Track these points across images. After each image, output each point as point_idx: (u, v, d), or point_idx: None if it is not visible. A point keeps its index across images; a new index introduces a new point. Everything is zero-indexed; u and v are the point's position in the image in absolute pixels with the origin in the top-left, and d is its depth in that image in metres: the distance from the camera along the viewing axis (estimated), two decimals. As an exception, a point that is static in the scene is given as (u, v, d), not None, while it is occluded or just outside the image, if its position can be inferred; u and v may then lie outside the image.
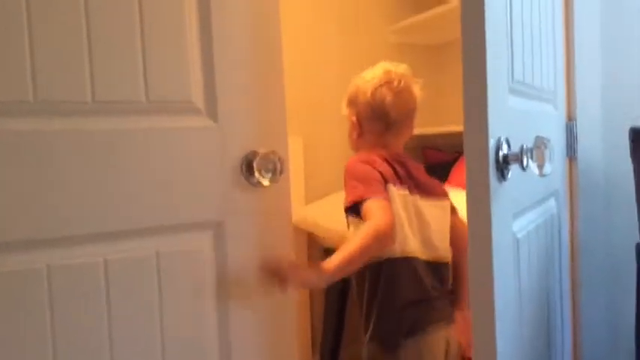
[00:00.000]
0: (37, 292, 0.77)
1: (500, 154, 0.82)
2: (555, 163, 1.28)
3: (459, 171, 2.13)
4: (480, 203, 0.80)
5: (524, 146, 0.82)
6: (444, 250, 1.36)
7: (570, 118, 1.42)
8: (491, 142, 0.81)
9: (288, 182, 0.99)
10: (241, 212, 0.94)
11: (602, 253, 1.54)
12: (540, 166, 0.82)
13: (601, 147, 1.52)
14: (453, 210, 1.43)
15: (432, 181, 1.43)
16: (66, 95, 0.79)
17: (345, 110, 1.46)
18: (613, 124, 1.52)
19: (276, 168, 0.95)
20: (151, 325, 0.86)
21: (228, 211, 0.93)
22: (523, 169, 0.82)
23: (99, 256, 0.82)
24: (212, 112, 0.92)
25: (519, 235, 0.96)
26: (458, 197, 1.85)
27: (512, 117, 0.92)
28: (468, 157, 0.83)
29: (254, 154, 0.94)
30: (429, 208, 1.36)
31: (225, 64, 0.92)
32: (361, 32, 2.43)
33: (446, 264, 1.37)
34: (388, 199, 1.25)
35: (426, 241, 1.33)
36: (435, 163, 2.38)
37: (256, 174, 0.94)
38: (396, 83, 1.37)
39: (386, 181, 1.28)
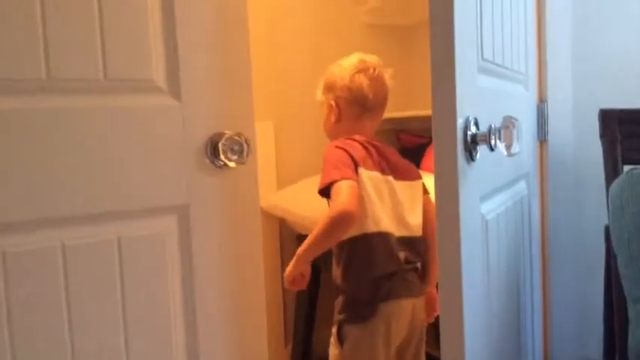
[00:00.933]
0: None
1: (469, 134, 0.81)
2: (526, 145, 1.28)
3: (431, 155, 2.12)
4: (448, 184, 0.79)
5: (493, 126, 0.81)
6: (417, 226, 1.43)
7: (541, 100, 1.42)
8: (460, 122, 0.79)
9: (256, 164, 0.96)
10: (207, 196, 0.91)
11: (571, 235, 1.55)
12: (508, 146, 0.81)
13: (572, 129, 1.53)
14: (425, 190, 1.50)
15: (405, 164, 1.51)
16: (18, 72, 0.75)
17: (320, 97, 1.53)
18: (584, 106, 1.53)
19: (243, 149, 0.92)
20: (112, 313, 0.83)
21: (192, 195, 0.90)
22: (491, 149, 0.81)
23: (56, 240, 0.79)
24: (175, 92, 0.89)
25: (488, 217, 0.96)
26: (428, 181, 1.87)
27: (482, 96, 0.91)
28: (436, 137, 0.82)
29: (220, 135, 0.91)
30: (402, 188, 1.44)
31: (188, 42, 0.89)
32: (332, 13, 2.39)
33: (420, 239, 1.44)
34: (356, 181, 1.32)
35: (400, 219, 1.40)
36: (409, 146, 2.38)
37: (222, 156, 0.91)
38: (371, 70, 1.47)
39: (357, 165, 1.35)
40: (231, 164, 0.92)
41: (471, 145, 0.81)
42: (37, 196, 0.77)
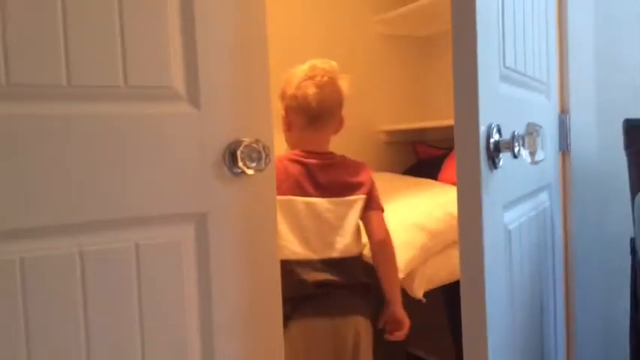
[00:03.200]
0: (10, 284, 0.73)
1: (491, 141, 0.80)
2: (548, 156, 1.26)
3: (449, 167, 2.11)
4: (470, 191, 0.78)
5: (516, 133, 0.80)
6: (346, 246, 1.41)
7: (563, 111, 1.40)
8: (482, 129, 0.78)
9: (274, 172, 0.96)
10: (225, 203, 0.90)
11: (595, 248, 1.52)
12: (532, 153, 0.79)
13: (595, 140, 1.50)
14: (372, 205, 1.46)
15: (343, 180, 1.45)
16: (40, 78, 0.75)
17: (278, 104, 1.50)
18: (607, 117, 1.50)
19: (261, 157, 0.92)
20: (129, 320, 0.82)
21: (210, 203, 0.89)
22: (515, 156, 0.79)
23: (74, 247, 0.78)
24: (194, 99, 0.88)
25: (511, 227, 0.94)
26: (448, 194, 1.84)
27: (504, 104, 0.89)
28: (458, 145, 0.80)
29: (238, 142, 0.90)
30: (332, 207, 1.41)
31: (207, 50, 0.88)
32: (347, 23, 2.39)
33: (352, 258, 1.42)
34: None
35: (324, 241, 1.39)
36: (425, 158, 2.36)
37: (240, 163, 0.90)
38: (319, 78, 1.42)
39: None
40: (250, 172, 0.91)
41: (493, 153, 0.80)
42: (55, 202, 0.76)
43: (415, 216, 1.63)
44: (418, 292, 1.52)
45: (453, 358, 2.01)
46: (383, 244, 1.45)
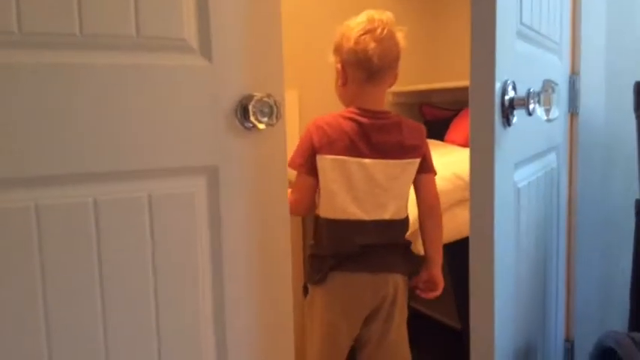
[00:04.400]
0: (25, 230, 0.74)
1: (506, 98, 0.79)
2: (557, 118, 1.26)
3: (456, 128, 2.10)
4: (483, 148, 0.78)
5: (531, 90, 0.80)
6: (398, 209, 1.42)
7: (574, 71, 1.39)
8: (498, 85, 0.78)
9: (284, 127, 0.95)
10: (236, 157, 0.90)
11: (600, 209, 1.53)
12: (547, 110, 0.79)
13: (603, 103, 1.50)
14: (425, 168, 1.46)
15: (398, 141, 1.42)
16: (52, 27, 0.74)
17: (331, 58, 1.47)
18: (617, 80, 1.49)
19: (273, 112, 0.91)
20: (142, 269, 0.83)
21: (222, 156, 0.89)
22: (529, 113, 0.79)
23: (88, 196, 0.79)
24: (206, 52, 0.87)
25: (520, 185, 0.94)
26: (454, 154, 1.84)
27: (520, 61, 0.88)
28: (473, 101, 0.80)
29: (249, 97, 0.89)
30: (385, 168, 1.39)
31: (220, 2, 0.87)
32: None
33: (401, 220, 1.44)
34: (304, 171, 1.38)
35: (376, 202, 1.39)
36: (432, 120, 2.35)
37: (252, 117, 0.90)
38: (379, 31, 1.38)
39: (316, 151, 1.36)
40: (261, 126, 0.91)
41: (508, 110, 0.79)
42: (67, 151, 0.76)
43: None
44: (422, 249, 1.54)
45: (455, 315, 2.06)
46: (432, 209, 1.46)
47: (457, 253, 1.58)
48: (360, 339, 1.48)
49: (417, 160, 1.43)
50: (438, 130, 2.13)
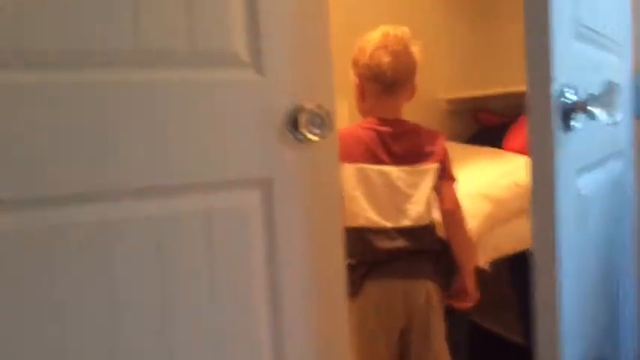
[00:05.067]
0: (92, 246, 0.75)
1: (565, 101, 0.76)
2: (621, 121, 1.20)
3: (514, 135, 2.04)
4: (543, 154, 0.75)
5: (592, 92, 0.76)
6: (419, 214, 1.42)
7: (638, 71, 1.32)
8: (555, 89, 0.74)
9: (336, 138, 0.95)
10: (290, 169, 0.90)
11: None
12: (610, 114, 0.75)
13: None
14: (444, 175, 1.45)
15: (417, 146, 1.45)
16: (107, 44, 0.76)
17: (351, 74, 1.51)
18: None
19: (324, 123, 0.91)
20: (201, 284, 0.84)
21: (275, 169, 0.89)
22: (590, 117, 0.75)
23: (145, 211, 0.80)
24: (257, 65, 0.88)
25: (584, 192, 0.90)
26: (513, 162, 1.79)
27: (578, 62, 0.85)
28: (530, 105, 0.77)
29: (300, 108, 0.89)
30: (406, 175, 1.41)
31: (269, 14, 0.87)
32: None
33: (424, 226, 1.44)
34: None
35: (398, 208, 1.41)
36: (489, 126, 2.29)
37: (303, 129, 0.90)
38: (392, 45, 1.42)
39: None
40: (313, 138, 0.90)
41: (567, 114, 0.76)
42: (128, 167, 0.77)
43: (480, 185, 1.61)
44: (482, 261, 1.49)
45: (519, 329, 1.99)
46: (452, 215, 1.46)
47: (519, 265, 1.52)
48: (402, 356, 1.47)
49: (436, 166, 1.44)
50: (496, 137, 2.08)
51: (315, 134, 0.90)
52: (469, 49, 2.48)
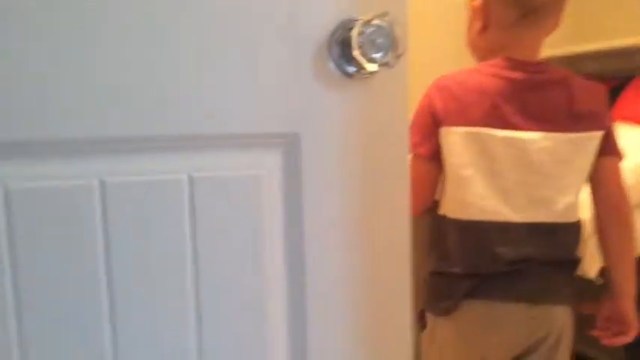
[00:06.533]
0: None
1: None
2: None
3: (628, 102, 1.73)
4: None
5: None
6: (568, 205, 1.06)
7: None
8: None
9: (406, 70, 0.61)
10: (328, 120, 0.60)
11: None
12: None
13: None
14: (607, 149, 1.07)
15: (570, 104, 1.05)
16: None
17: None
18: None
19: (391, 41, 0.57)
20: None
21: (306, 118, 0.59)
22: None
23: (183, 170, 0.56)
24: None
25: None
26: (631, 136, 1.42)
27: None
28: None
29: (352, 22, 0.57)
30: (551, 144, 1.03)
31: None
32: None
33: (572, 225, 1.08)
34: (423, 154, 1.04)
35: (533, 196, 1.04)
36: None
37: (356, 52, 0.56)
38: None
39: (439, 123, 1.03)
40: (371, 67, 0.57)
41: None
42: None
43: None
44: (590, 269, 1.18)
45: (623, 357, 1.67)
46: (618, 211, 1.08)
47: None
48: None
49: (598, 134, 1.03)
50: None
51: (375, 61, 0.57)
52: None
